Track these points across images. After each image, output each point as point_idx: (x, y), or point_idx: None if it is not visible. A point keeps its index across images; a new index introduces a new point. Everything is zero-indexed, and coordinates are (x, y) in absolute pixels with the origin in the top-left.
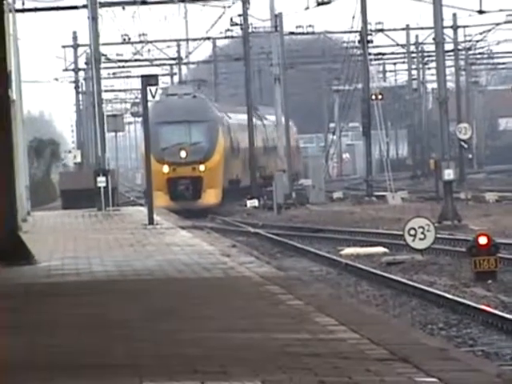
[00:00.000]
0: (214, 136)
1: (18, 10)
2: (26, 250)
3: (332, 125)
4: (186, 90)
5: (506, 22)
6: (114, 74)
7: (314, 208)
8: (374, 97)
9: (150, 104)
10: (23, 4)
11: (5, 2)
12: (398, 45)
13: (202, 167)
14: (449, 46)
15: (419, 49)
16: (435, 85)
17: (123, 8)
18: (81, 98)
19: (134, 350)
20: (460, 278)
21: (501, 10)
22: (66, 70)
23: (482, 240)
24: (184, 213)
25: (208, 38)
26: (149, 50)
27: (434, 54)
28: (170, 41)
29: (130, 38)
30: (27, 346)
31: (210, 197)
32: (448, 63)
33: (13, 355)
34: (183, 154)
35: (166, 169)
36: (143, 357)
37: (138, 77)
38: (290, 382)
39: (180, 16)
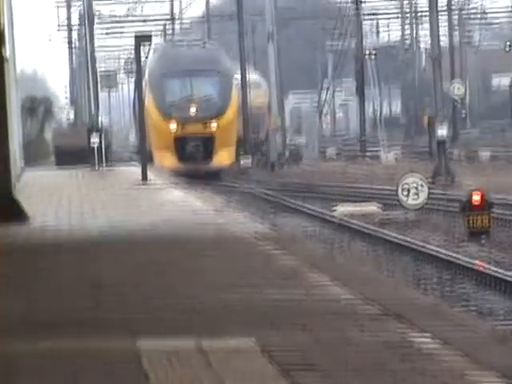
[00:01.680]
0: (228, 89)
1: None
2: (20, 208)
3: (326, 83)
4: (194, 38)
5: None
6: (107, 32)
7: (308, 166)
8: (367, 54)
9: (154, 54)
10: None
11: None
12: (389, 3)
13: (214, 124)
14: (442, 4)
15: (413, 6)
16: (428, 43)
17: None
18: (74, 56)
19: (128, 307)
20: (453, 235)
21: None
22: (60, 27)
23: (476, 198)
24: (194, 175)
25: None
26: (142, 8)
27: (427, 11)
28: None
29: None
30: (21, 304)
31: (223, 157)
32: (441, 21)
33: (7, 313)
34: (193, 109)
35: (173, 126)
36: (137, 313)
37: (131, 35)
38: (284, 339)
39: None
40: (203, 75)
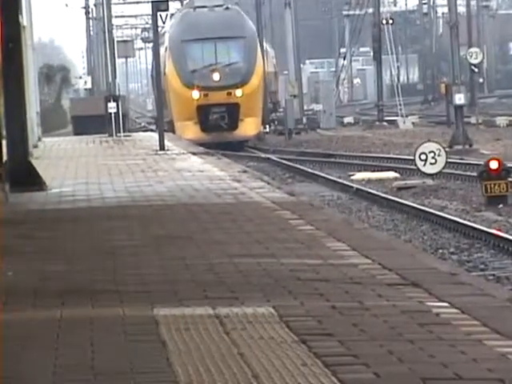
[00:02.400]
0: (253, 55)
1: None
2: (37, 176)
3: (343, 50)
4: (216, 1)
5: None
6: (124, 0)
7: (325, 133)
8: (384, 21)
9: (175, 19)
10: None
11: None
12: None
13: (239, 92)
14: None
15: None
16: (446, 9)
17: None
18: (91, 23)
19: (145, 276)
20: (471, 202)
21: None
22: None
23: (493, 164)
24: (218, 146)
25: None
26: None
27: None
28: None
29: None
30: (39, 272)
31: (249, 127)
32: None
33: (25, 281)
34: (216, 76)
35: (196, 94)
36: (154, 283)
37: (148, 1)
38: (302, 307)
39: None
40: (226, 40)
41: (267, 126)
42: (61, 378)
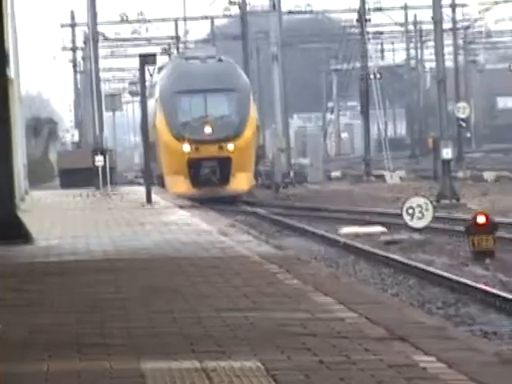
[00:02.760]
0: (246, 108)
1: None
2: (24, 229)
3: (330, 104)
4: (209, 53)
5: (504, 1)
6: (111, 52)
7: (312, 187)
8: (372, 76)
9: (166, 70)
10: None
11: None
12: (396, 24)
13: (231, 146)
14: (447, 25)
15: (417, 28)
16: (433, 64)
17: None
18: (79, 77)
19: (132, 330)
20: (458, 257)
21: None
22: (64, 48)
23: (481, 219)
24: (209, 201)
25: (206, 17)
26: (147, 29)
27: (432, 32)
28: (168, 20)
29: (127, 17)
30: (26, 325)
31: (241, 182)
32: (446, 42)
33: (12, 334)
34: (208, 129)
35: (186, 148)
36: (141, 336)
37: (136, 56)
38: (289, 362)
39: None
40: (219, 93)
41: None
42: None
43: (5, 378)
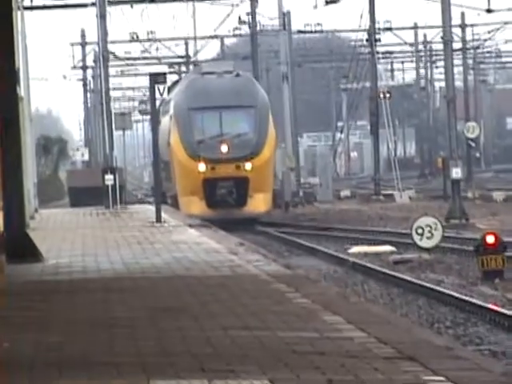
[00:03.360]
0: (264, 125)
1: (26, 8)
2: (34, 247)
3: (340, 123)
4: (226, 68)
5: None
6: (122, 71)
7: (322, 206)
8: (381, 95)
9: (180, 85)
10: (31, 1)
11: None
12: (406, 43)
13: (248, 165)
14: (457, 45)
15: (427, 47)
16: (443, 83)
17: (131, 6)
18: (89, 95)
19: (142, 348)
20: (467, 276)
21: (509, 9)
22: (75, 67)
23: (490, 239)
24: (224, 223)
25: (216, 37)
26: (157, 48)
27: (442, 52)
28: (178, 39)
29: (138, 36)
30: (36, 343)
31: (258, 203)
32: (456, 62)
33: (21, 352)
34: (224, 148)
35: (202, 167)
36: (151, 355)
37: (146, 75)
38: (298, 381)
39: (188, 14)
40: (236, 109)
41: None
42: None
43: None
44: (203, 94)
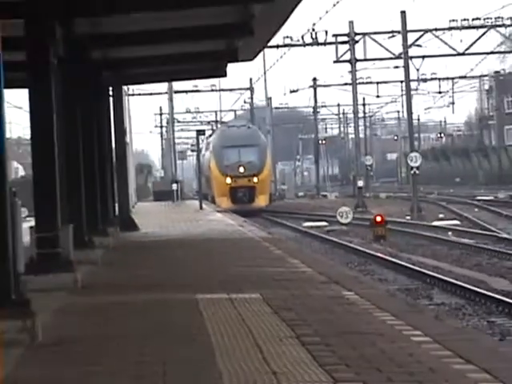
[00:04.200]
0: (264, 156)
1: (129, 95)
2: (134, 222)
3: (298, 156)
4: (242, 123)
5: (391, 102)
6: (181, 129)
7: (288, 201)
8: (320, 142)
9: (215, 134)
10: (133, 91)
11: (124, 90)
12: (333, 113)
13: (255, 179)
14: (361, 114)
15: (344, 116)
16: (353, 135)
17: (186, 93)
18: (164, 141)
19: (190, 277)
20: (366, 239)
21: (389, 95)
22: (156, 126)
23: (378, 218)
24: (241, 212)
25: (232, 110)
26: (200, 116)
27: (352, 118)
28: (211, 111)
29: (190, 109)
30: (132, 275)
31: (261, 201)
32: (360, 123)
33: (121, 280)
34: (241, 169)
35: (228, 180)
36: (195, 280)
37: (194, 130)
38: (275, 294)
39: (217, 97)
40: (248, 147)
41: None
42: None
43: (115, 305)
44: (229, 138)
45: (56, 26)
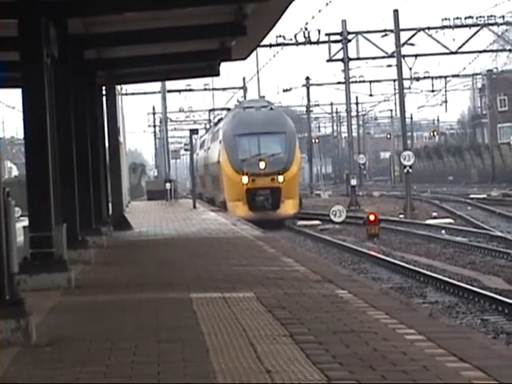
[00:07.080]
0: (292, 147)
1: (122, 94)
2: (127, 222)
3: None
4: (262, 103)
5: (384, 101)
6: (175, 128)
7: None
8: (313, 141)
9: (226, 118)
10: (126, 90)
11: (117, 90)
12: (326, 112)
13: (280, 178)
14: (354, 113)
15: (338, 114)
16: (346, 134)
17: (179, 92)
18: (157, 141)
19: (184, 276)
20: (359, 237)
21: (382, 94)
22: (149, 126)
23: (371, 217)
24: (261, 222)
25: (226, 109)
26: (193, 115)
27: (345, 117)
28: (205, 110)
29: (183, 108)
30: (125, 274)
31: (289, 207)
32: (353, 122)
33: (114, 279)
34: (262, 165)
35: (245, 179)
36: (189, 279)
37: (187, 130)
38: (268, 293)
39: (210, 96)
40: (271, 135)
41: None
42: None
43: (109, 305)
44: (245, 123)
45: (49, 26)
